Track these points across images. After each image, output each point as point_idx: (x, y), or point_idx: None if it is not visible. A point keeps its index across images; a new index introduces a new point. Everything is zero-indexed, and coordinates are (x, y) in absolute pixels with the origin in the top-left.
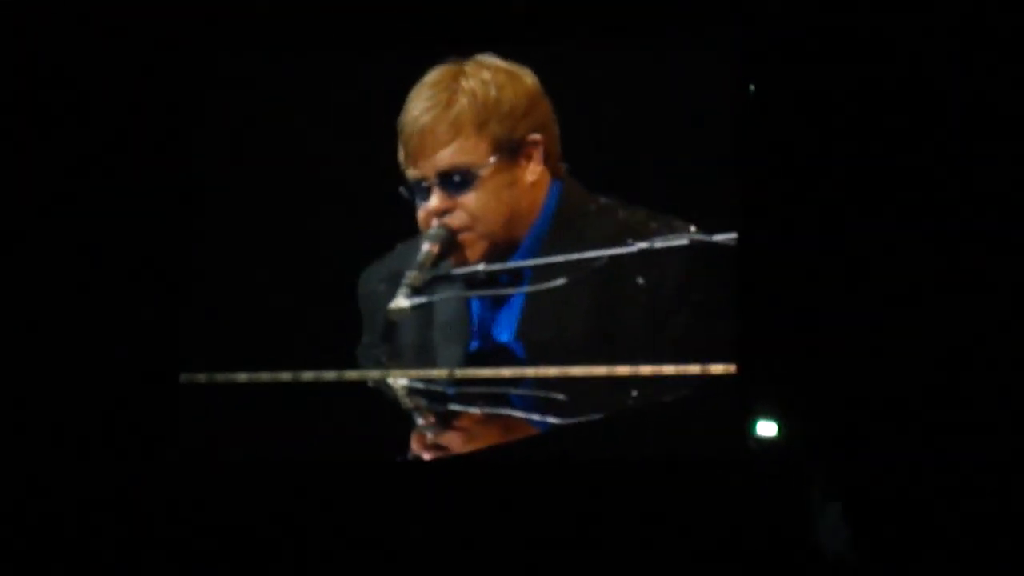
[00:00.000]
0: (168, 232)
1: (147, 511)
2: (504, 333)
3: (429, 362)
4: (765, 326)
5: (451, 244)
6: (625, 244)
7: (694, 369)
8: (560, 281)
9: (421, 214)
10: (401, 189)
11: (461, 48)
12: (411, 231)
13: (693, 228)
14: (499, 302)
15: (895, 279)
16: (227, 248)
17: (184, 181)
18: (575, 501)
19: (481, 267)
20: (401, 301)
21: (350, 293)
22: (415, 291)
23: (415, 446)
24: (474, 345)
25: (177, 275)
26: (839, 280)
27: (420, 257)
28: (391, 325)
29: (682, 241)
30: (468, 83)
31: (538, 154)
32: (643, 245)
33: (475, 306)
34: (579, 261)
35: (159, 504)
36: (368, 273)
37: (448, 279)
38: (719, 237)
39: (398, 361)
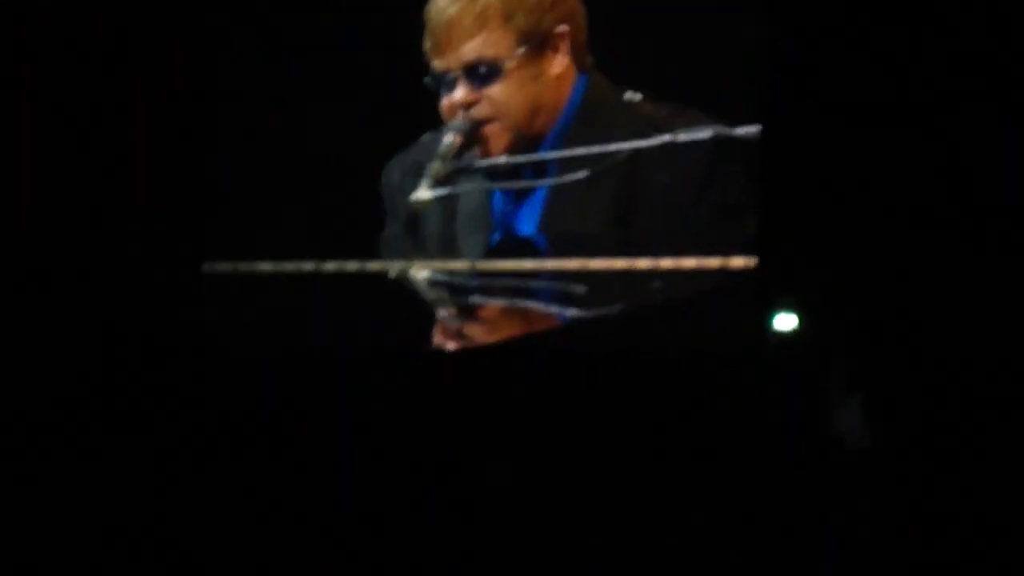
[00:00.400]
0: (191, 125)
1: (170, 402)
2: (526, 226)
3: (452, 254)
4: (786, 220)
5: (475, 136)
6: (648, 136)
7: (714, 263)
8: (582, 174)
9: (445, 105)
10: (426, 80)
11: None
12: (435, 123)
13: (719, 119)
14: (522, 195)
15: (917, 173)
16: (251, 137)
17: (210, 69)
18: (594, 394)
19: (503, 159)
20: (423, 192)
21: (373, 184)
22: (437, 182)
23: (438, 337)
24: (496, 237)
25: (201, 165)
26: (860, 174)
27: (443, 148)
28: (414, 216)
29: (705, 134)
30: None
31: (564, 46)
32: (665, 138)
33: (497, 198)
34: (601, 154)
35: (182, 395)
36: (392, 164)
37: (471, 171)
38: (741, 130)
39: (421, 252)
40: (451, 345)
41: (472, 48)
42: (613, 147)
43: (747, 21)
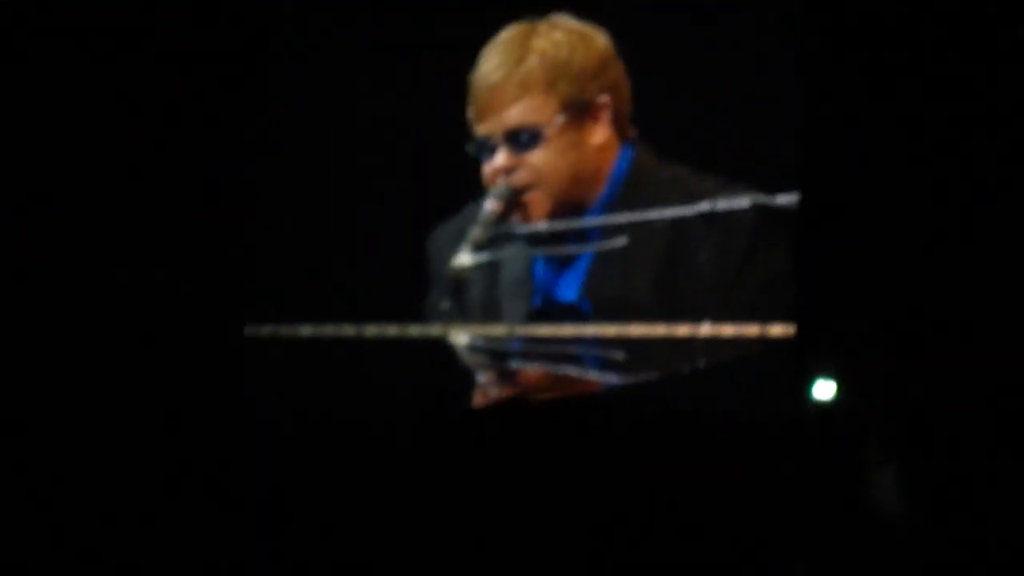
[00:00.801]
0: (234, 184)
1: (209, 466)
2: (569, 292)
3: (494, 320)
4: (825, 288)
5: (515, 202)
6: (688, 205)
7: (753, 330)
8: (623, 240)
9: (487, 171)
10: (468, 145)
11: (536, 7)
12: (479, 190)
13: (759, 189)
14: (565, 263)
15: (958, 242)
16: (294, 203)
17: (252, 132)
18: (632, 461)
19: (544, 225)
20: (463, 258)
21: (414, 250)
22: (477, 248)
23: (477, 402)
24: (536, 303)
25: (243, 227)
26: (901, 241)
27: (483, 214)
28: (458, 283)
29: (744, 203)
30: (540, 42)
31: (606, 116)
32: (704, 206)
33: (539, 265)
34: (643, 222)
35: (221, 459)
36: (436, 233)
37: (512, 237)
38: (781, 199)
39: (463, 318)
40: (487, 411)
41: (514, 114)
42: (654, 214)
43: (785, 90)
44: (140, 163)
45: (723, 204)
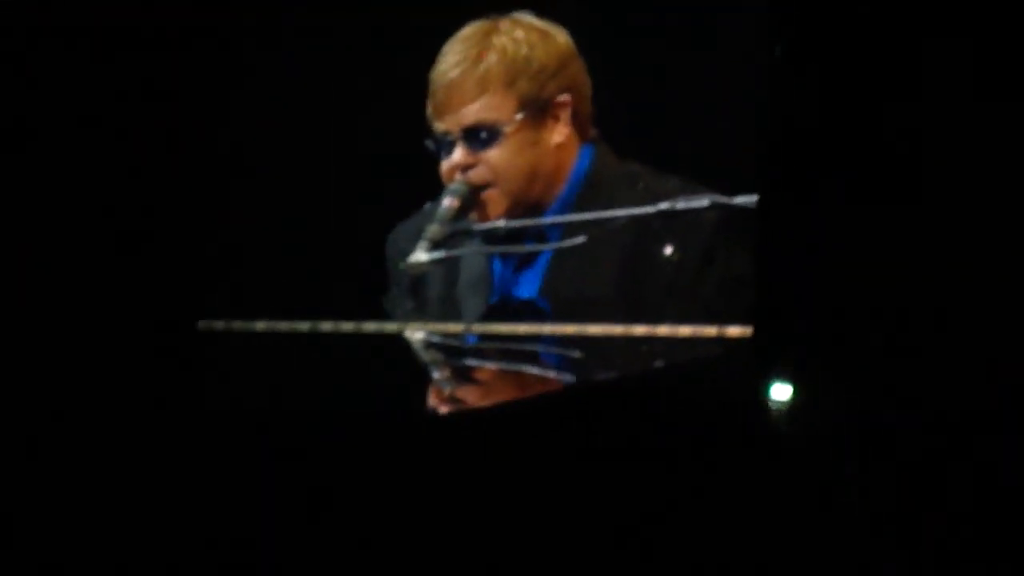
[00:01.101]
0: (190, 178)
1: (163, 461)
2: (527, 291)
3: (453, 317)
4: (784, 289)
5: (473, 200)
6: (648, 204)
7: (711, 331)
8: (581, 239)
9: (445, 168)
10: (427, 142)
11: (498, 5)
12: (438, 188)
13: (718, 189)
14: (523, 261)
15: (916, 244)
16: (249, 196)
17: (210, 126)
18: (587, 460)
19: (502, 223)
20: (420, 255)
21: (371, 246)
22: (435, 245)
23: (432, 400)
24: (495, 301)
25: (198, 220)
26: (860, 244)
27: (440, 212)
28: (417, 280)
29: (703, 203)
30: (499, 40)
31: (566, 115)
32: (663, 206)
33: (497, 264)
34: (601, 221)
35: (174, 454)
36: (396, 233)
37: (469, 235)
38: (740, 199)
39: (422, 315)
40: (444, 408)
41: (472, 111)
42: (609, 213)
43: (745, 92)
44: (94, 155)
45: (682, 204)
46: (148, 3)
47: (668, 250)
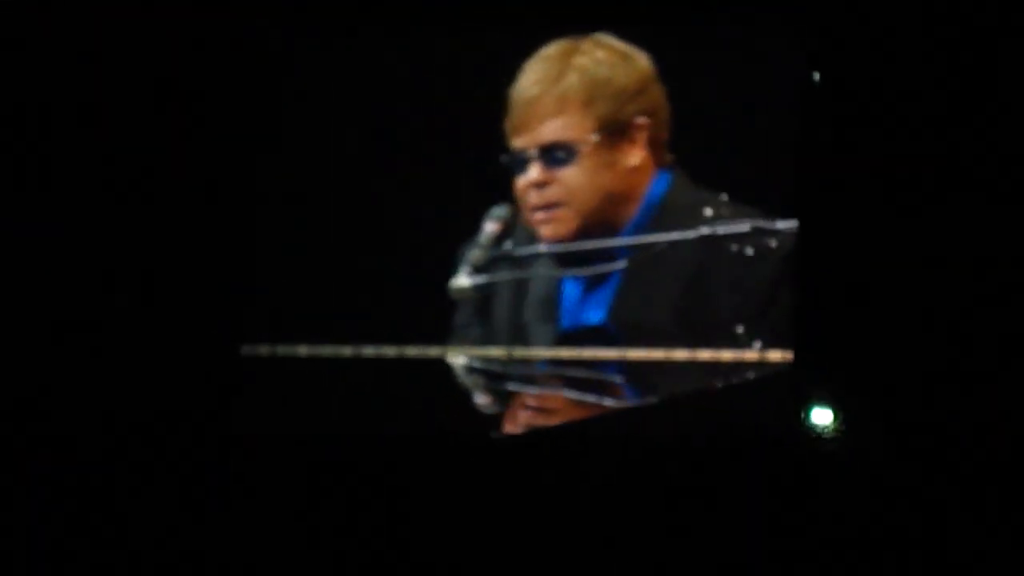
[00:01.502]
0: (235, 203)
1: (204, 485)
2: (595, 314)
3: (521, 341)
4: (824, 314)
5: (540, 221)
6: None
7: (751, 356)
8: (620, 264)
9: (520, 184)
10: (503, 157)
11: (582, 26)
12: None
13: (760, 213)
14: (589, 284)
15: (956, 268)
16: (295, 219)
17: (255, 148)
18: (630, 485)
19: (543, 248)
20: (462, 280)
21: (418, 268)
22: (476, 270)
23: (474, 424)
24: (564, 325)
25: (242, 246)
26: (898, 269)
27: (482, 236)
28: (483, 303)
29: (744, 227)
30: (580, 60)
31: (642, 138)
32: (704, 231)
33: (566, 286)
34: (639, 245)
35: (216, 478)
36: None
37: (510, 259)
38: (782, 224)
39: (491, 339)
40: (489, 432)
41: (550, 130)
42: (651, 238)
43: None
44: (140, 182)
45: (723, 229)
46: (193, 43)
47: (706, 276)
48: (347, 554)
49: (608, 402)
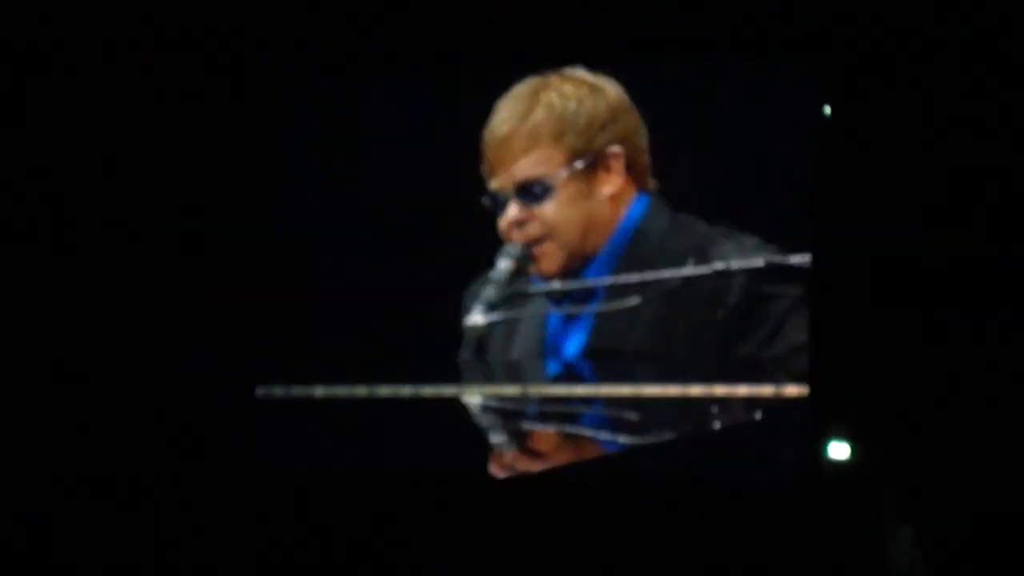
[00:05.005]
0: (249, 244)
1: (223, 525)
2: (575, 349)
3: (515, 378)
4: (838, 348)
5: (528, 255)
6: (702, 263)
7: (767, 391)
8: (634, 301)
9: (502, 225)
10: (484, 200)
11: (551, 62)
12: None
13: (772, 248)
14: (572, 318)
15: (971, 299)
16: (307, 262)
17: (267, 192)
18: (646, 522)
19: (556, 284)
20: (477, 317)
21: (428, 309)
22: (491, 307)
23: (491, 464)
24: (551, 361)
25: (257, 288)
26: (912, 302)
27: (496, 273)
28: (480, 342)
29: (757, 263)
30: (548, 95)
31: (618, 166)
32: (719, 266)
33: (551, 322)
34: (652, 281)
35: (236, 517)
36: (470, 288)
37: (525, 295)
38: (794, 259)
39: (488, 377)
40: (501, 474)
41: (523, 167)
42: (665, 274)
43: (797, 151)
44: (155, 224)
45: (736, 264)
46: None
47: (720, 310)
48: None
49: (623, 439)
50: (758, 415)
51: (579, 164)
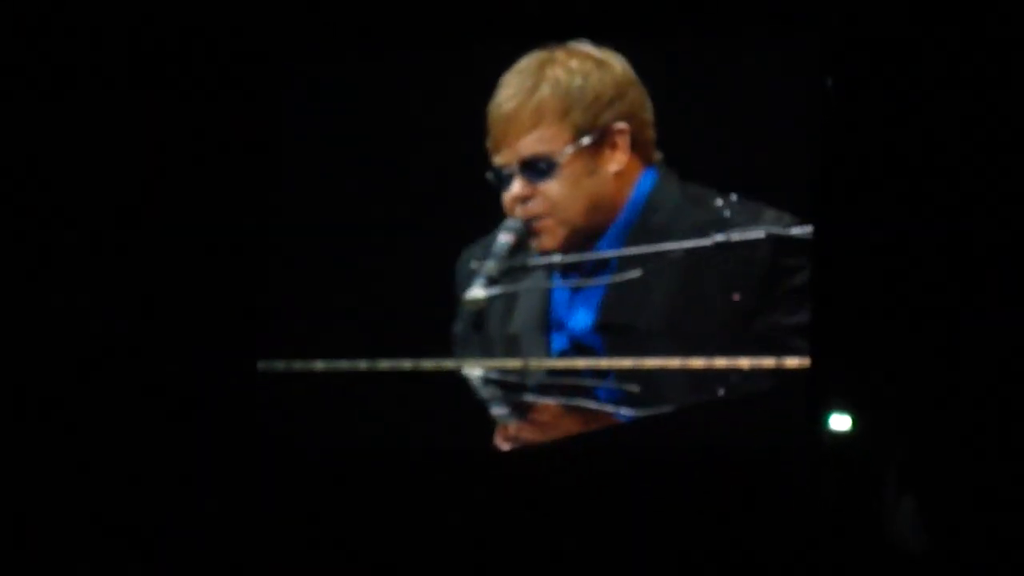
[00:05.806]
0: (248, 218)
1: (224, 499)
2: (583, 323)
3: (515, 351)
4: (840, 320)
5: (530, 230)
6: (706, 236)
7: (769, 362)
8: (638, 272)
9: (505, 200)
10: (488, 175)
11: (556, 36)
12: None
13: (783, 219)
14: (580, 292)
15: (971, 272)
16: (309, 235)
17: (269, 164)
18: (648, 494)
19: (559, 258)
20: (477, 291)
21: (431, 282)
22: (491, 281)
23: (496, 438)
24: (554, 335)
25: (257, 262)
26: (914, 274)
27: (497, 247)
28: (478, 315)
29: (759, 234)
30: (553, 71)
31: (624, 143)
32: (720, 238)
33: (556, 296)
34: (657, 253)
35: (236, 493)
36: (466, 253)
37: (526, 269)
38: (796, 230)
39: (486, 350)
40: (505, 445)
41: (528, 143)
42: (668, 246)
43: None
44: (153, 200)
45: (738, 236)
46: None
47: (724, 281)
48: (365, 569)
49: (624, 412)
50: (761, 387)
51: (585, 141)
